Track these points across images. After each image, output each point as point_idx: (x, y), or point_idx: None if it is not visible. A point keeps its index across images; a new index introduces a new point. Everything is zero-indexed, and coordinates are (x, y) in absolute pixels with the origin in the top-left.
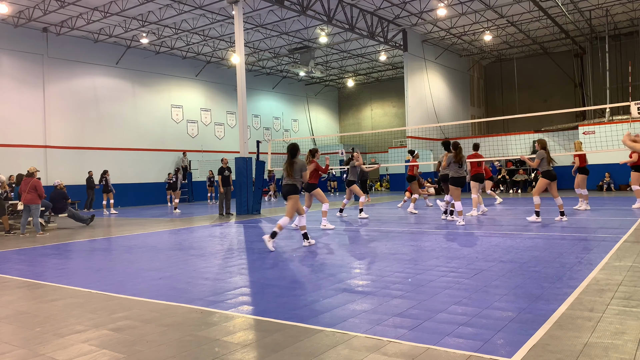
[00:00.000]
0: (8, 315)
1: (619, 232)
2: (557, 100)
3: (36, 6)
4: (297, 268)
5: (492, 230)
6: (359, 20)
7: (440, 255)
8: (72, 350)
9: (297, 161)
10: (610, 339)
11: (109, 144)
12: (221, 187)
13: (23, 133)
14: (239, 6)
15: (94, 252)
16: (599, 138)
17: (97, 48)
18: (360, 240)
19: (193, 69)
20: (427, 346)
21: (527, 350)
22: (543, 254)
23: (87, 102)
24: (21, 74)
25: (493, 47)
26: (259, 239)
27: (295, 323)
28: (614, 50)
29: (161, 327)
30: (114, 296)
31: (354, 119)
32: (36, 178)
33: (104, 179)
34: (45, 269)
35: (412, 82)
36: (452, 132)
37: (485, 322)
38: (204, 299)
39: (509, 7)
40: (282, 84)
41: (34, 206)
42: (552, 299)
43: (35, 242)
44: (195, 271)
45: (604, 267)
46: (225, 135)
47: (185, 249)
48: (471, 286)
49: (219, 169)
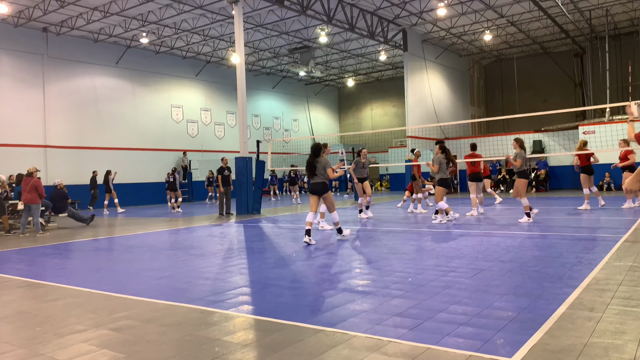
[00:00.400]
0: (8, 315)
1: (619, 232)
2: (557, 100)
3: (36, 6)
4: (297, 268)
5: (492, 230)
6: (358, 20)
7: (440, 255)
8: (72, 350)
9: (320, 160)
10: (610, 339)
11: (109, 143)
12: (221, 186)
13: (23, 133)
14: (239, 6)
15: (94, 251)
16: (599, 138)
17: (97, 48)
18: (361, 240)
19: (193, 68)
20: (427, 346)
21: (527, 350)
22: (543, 254)
23: (87, 102)
24: (21, 74)
25: (493, 47)
26: (258, 239)
27: (295, 323)
28: (614, 50)
29: (161, 327)
30: (114, 296)
31: (354, 119)
32: (36, 178)
33: (107, 179)
34: (45, 269)
35: (412, 82)
36: (452, 131)
37: (485, 322)
38: (204, 298)
39: (509, 7)
40: (282, 83)
41: (34, 206)
42: (552, 299)
43: (35, 242)
44: (195, 271)
45: (604, 267)
46: (225, 135)
47: (185, 249)
48: (471, 286)
49: (219, 169)
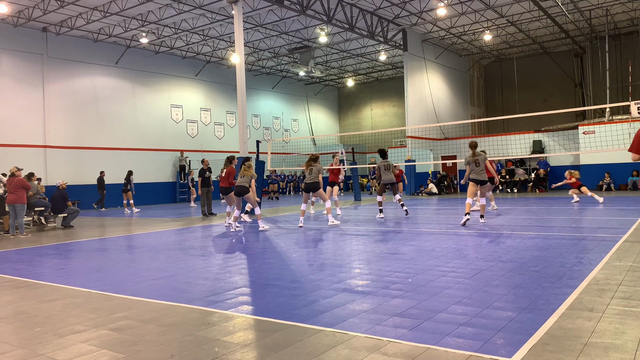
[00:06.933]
0: (8, 315)
1: (619, 232)
2: (557, 100)
3: (36, 6)
4: (297, 268)
5: (491, 230)
6: (358, 20)
7: (440, 255)
8: (71, 350)
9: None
10: (610, 339)
11: (109, 143)
12: (200, 188)
13: (23, 133)
14: (238, 6)
15: (93, 252)
16: (599, 138)
17: (97, 48)
18: (361, 240)
19: (193, 68)
20: (427, 346)
21: (527, 350)
22: (543, 254)
23: (86, 102)
24: (21, 74)
25: (493, 47)
26: (258, 239)
27: (295, 323)
28: (614, 50)
29: (161, 327)
30: (114, 296)
31: (354, 119)
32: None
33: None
34: (44, 269)
35: (412, 81)
36: (452, 131)
37: (485, 322)
38: (203, 298)
39: (509, 7)
40: (282, 83)
41: (18, 206)
42: (552, 299)
43: (35, 242)
44: (194, 271)
45: (604, 267)
46: (225, 135)
47: (185, 249)
48: (471, 286)
49: (200, 170)
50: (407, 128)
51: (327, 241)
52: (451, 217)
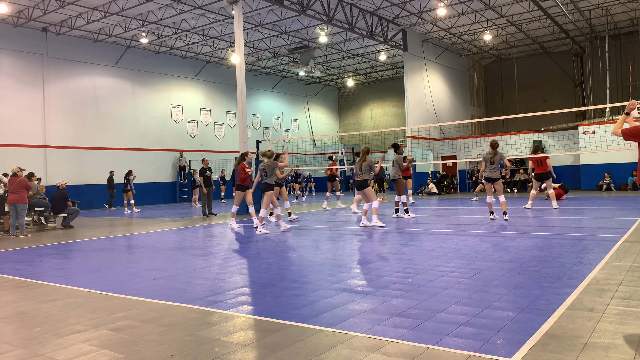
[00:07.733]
0: (8, 315)
1: (619, 232)
2: (557, 100)
3: (36, 6)
4: (297, 268)
5: (491, 230)
6: (358, 20)
7: (440, 255)
8: (71, 350)
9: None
10: (610, 339)
11: (109, 143)
12: (204, 187)
13: (23, 133)
14: (238, 6)
15: (93, 252)
16: (599, 138)
17: (97, 48)
18: (360, 240)
19: (193, 68)
20: (427, 346)
21: (527, 350)
22: (543, 254)
23: (86, 102)
24: (21, 74)
25: (493, 47)
26: (258, 239)
27: (295, 323)
28: (614, 50)
29: (161, 327)
30: (114, 296)
31: (354, 119)
32: (22, 177)
33: (127, 179)
34: (45, 269)
35: (412, 81)
36: (452, 131)
37: (485, 322)
38: (203, 298)
39: (509, 7)
40: (282, 83)
41: (20, 206)
42: (552, 299)
43: (35, 242)
44: (194, 271)
45: (604, 267)
46: (225, 135)
47: (185, 249)
48: (471, 286)
49: (200, 170)
50: (407, 128)
51: (327, 241)
52: (451, 217)
